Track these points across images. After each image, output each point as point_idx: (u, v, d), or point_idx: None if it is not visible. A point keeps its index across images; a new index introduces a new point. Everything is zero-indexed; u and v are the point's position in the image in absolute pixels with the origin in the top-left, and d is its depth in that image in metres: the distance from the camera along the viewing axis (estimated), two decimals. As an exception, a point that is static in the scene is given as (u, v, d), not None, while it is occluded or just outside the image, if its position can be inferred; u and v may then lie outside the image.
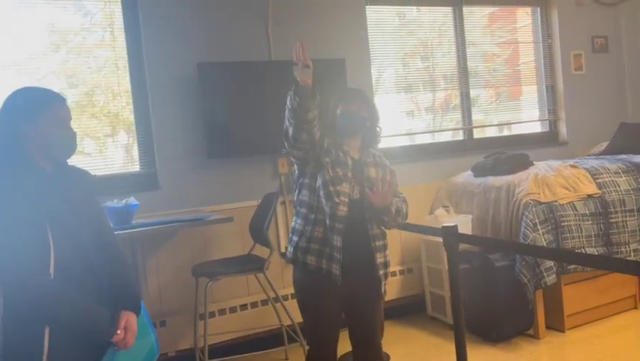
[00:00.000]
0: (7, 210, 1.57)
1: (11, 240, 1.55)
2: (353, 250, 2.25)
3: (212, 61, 3.48)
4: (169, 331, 3.38)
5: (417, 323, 3.91)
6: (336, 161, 2.27)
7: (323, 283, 2.23)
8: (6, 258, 1.56)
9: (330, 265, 2.21)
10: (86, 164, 3.37)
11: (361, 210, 2.27)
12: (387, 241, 2.38)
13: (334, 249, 2.21)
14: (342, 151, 2.30)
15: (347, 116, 2.33)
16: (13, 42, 3.21)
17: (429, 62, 4.52)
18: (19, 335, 1.60)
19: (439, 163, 4.31)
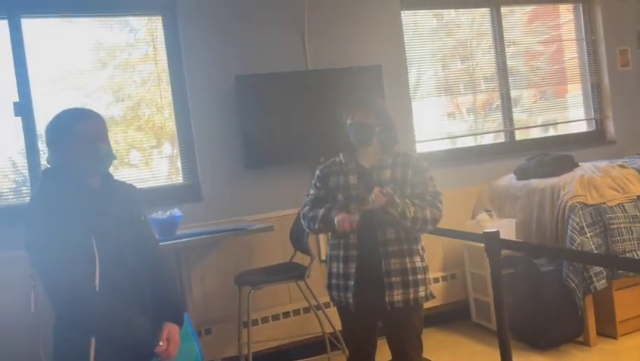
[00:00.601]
0: (56, 227, 1.64)
1: (60, 255, 1.62)
2: (365, 263, 2.26)
3: (250, 73, 3.55)
4: (214, 339, 3.45)
5: (461, 329, 3.84)
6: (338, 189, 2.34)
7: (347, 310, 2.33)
8: (55, 272, 1.63)
9: (346, 295, 2.29)
10: (133, 175, 3.52)
11: (372, 216, 2.25)
12: (413, 247, 2.28)
13: (348, 277, 2.28)
14: (344, 173, 2.35)
15: (355, 126, 2.33)
16: (63, 59, 3.37)
17: (469, 63, 4.46)
18: (68, 345, 1.68)
19: (480, 166, 4.24)
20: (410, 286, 2.25)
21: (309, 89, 3.63)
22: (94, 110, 1.85)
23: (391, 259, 2.23)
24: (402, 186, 2.29)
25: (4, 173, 3.33)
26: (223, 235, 3.08)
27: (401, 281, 2.23)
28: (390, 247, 2.24)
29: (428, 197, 2.29)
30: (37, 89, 3.27)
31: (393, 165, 2.32)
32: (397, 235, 2.26)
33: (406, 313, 2.28)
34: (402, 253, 2.25)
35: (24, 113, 3.22)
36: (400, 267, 2.24)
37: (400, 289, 2.23)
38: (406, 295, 2.24)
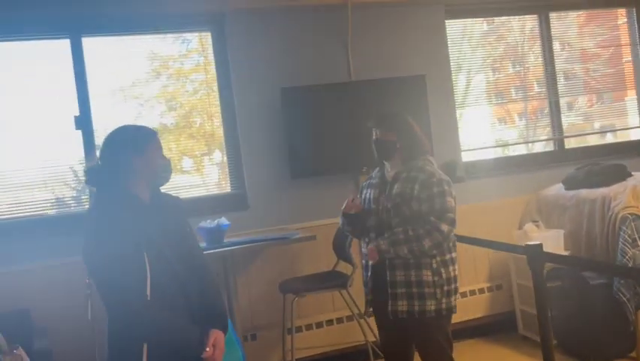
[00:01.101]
0: (111, 238, 1.75)
1: (115, 265, 1.73)
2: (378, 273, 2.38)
3: (295, 85, 3.63)
4: (259, 345, 3.54)
5: (507, 342, 3.78)
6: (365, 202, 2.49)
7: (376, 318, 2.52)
8: (110, 281, 1.74)
9: (366, 303, 2.47)
10: (185, 181, 3.68)
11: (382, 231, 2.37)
12: (422, 261, 2.28)
13: (367, 286, 2.45)
14: (371, 187, 2.49)
15: (375, 143, 2.45)
16: (120, 70, 3.56)
17: (518, 69, 4.39)
18: (122, 351, 1.79)
19: (528, 176, 4.17)
20: (415, 298, 2.28)
21: (353, 100, 3.68)
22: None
23: (397, 271, 2.31)
24: (409, 201, 2.31)
25: (66, 181, 3.54)
26: (267, 244, 3.17)
27: (406, 293, 2.29)
28: (397, 259, 2.30)
29: (432, 218, 2.26)
30: (95, 101, 3.46)
31: (405, 179, 2.36)
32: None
33: (425, 327, 2.33)
34: (407, 266, 2.30)
35: (84, 127, 3.42)
36: (405, 279, 2.30)
37: (405, 300, 2.29)
38: (410, 307, 2.29)
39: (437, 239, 2.24)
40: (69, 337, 3.07)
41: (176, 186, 3.56)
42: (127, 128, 1.95)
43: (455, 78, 4.16)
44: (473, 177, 4.06)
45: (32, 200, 3.41)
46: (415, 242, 2.23)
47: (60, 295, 3.11)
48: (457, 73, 4.17)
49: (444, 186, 2.31)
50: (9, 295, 3.05)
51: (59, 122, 3.40)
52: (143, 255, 1.77)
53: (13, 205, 3.39)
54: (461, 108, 4.20)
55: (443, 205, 2.27)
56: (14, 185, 3.38)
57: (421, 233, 2.23)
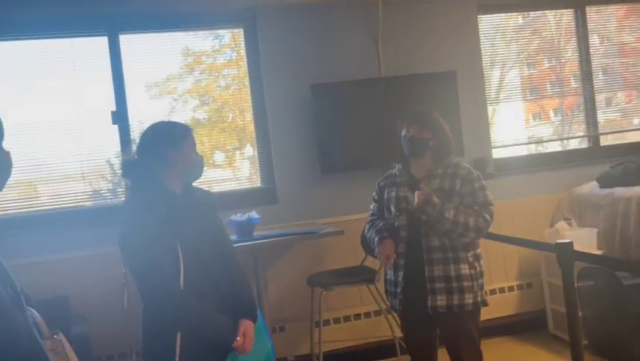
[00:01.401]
0: (147, 230, 1.81)
1: (150, 256, 1.79)
2: (411, 271, 2.37)
3: (325, 82, 3.66)
4: (288, 336, 3.60)
5: (536, 340, 3.74)
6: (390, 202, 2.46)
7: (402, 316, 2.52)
8: (145, 272, 1.81)
9: (395, 301, 2.44)
10: (217, 175, 3.76)
11: (419, 225, 2.35)
12: (460, 255, 2.33)
13: (397, 285, 2.41)
14: (396, 185, 2.46)
15: (409, 140, 2.42)
16: (154, 66, 3.65)
17: (554, 64, 4.32)
18: (156, 339, 1.85)
19: (561, 173, 4.10)
20: (454, 292, 2.31)
21: (383, 96, 3.69)
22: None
23: (435, 266, 2.32)
24: (449, 195, 2.35)
25: (103, 175, 3.66)
26: (296, 238, 3.22)
27: (445, 287, 2.31)
28: (435, 255, 2.33)
29: (476, 207, 2.33)
30: (131, 96, 3.56)
31: (442, 175, 2.40)
32: (442, 243, 2.33)
33: (459, 319, 2.34)
34: (446, 261, 2.33)
35: (120, 121, 3.53)
36: (444, 274, 2.32)
37: (444, 295, 2.31)
38: (449, 301, 2.31)
39: (481, 224, 2.30)
40: (105, 323, 3.19)
41: (209, 180, 3.63)
42: (164, 124, 2.03)
43: (488, 73, 4.12)
44: (504, 175, 4.02)
45: (71, 192, 3.54)
46: (463, 214, 2.28)
47: (97, 283, 3.23)
48: (490, 68, 4.13)
49: (482, 181, 2.40)
50: (49, 282, 3.18)
51: (97, 118, 3.52)
52: (177, 246, 1.83)
53: (53, 197, 3.53)
54: (494, 104, 4.15)
55: (485, 199, 2.35)
56: (55, 177, 3.52)
57: (469, 211, 2.30)
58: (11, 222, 3.36)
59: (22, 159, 3.40)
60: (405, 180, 2.45)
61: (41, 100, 3.45)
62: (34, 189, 3.56)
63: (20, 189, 3.50)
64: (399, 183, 2.47)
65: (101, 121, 3.50)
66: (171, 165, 1.92)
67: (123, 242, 1.86)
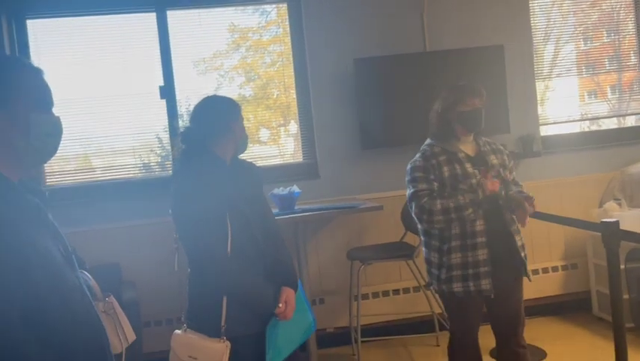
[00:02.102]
0: (198, 199, 1.89)
1: (201, 223, 1.87)
2: (495, 246, 2.29)
3: (368, 56, 3.64)
4: (327, 308, 3.68)
5: (580, 321, 3.67)
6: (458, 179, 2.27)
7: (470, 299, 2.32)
8: (196, 238, 1.89)
9: (479, 283, 2.26)
10: (262, 152, 3.83)
11: (495, 199, 2.30)
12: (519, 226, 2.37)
13: (480, 264, 2.25)
14: (458, 162, 2.29)
15: (475, 113, 2.31)
16: (202, 43, 3.73)
17: (613, 37, 4.12)
18: (202, 303, 1.94)
19: (613, 152, 3.95)
20: (527, 259, 2.37)
21: (427, 71, 3.64)
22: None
23: (517, 236, 2.34)
24: (504, 171, 2.38)
25: (152, 148, 3.80)
26: (336, 212, 3.25)
27: (524, 256, 2.36)
28: (514, 226, 2.34)
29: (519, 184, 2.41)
30: (178, 72, 3.65)
31: (492, 151, 2.40)
32: (512, 216, 2.36)
33: (519, 286, 2.39)
34: (518, 232, 2.37)
35: (168, 96, 3.64)
36: (522, 243, 2.37)
37: (526, 261, 2.36)
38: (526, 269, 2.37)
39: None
40: (154, 290, 3.35)
41: (253, 156, 3.72)
42: (222, 97, 2.12)
43: (542, 48, 3.98)
44: (552, 152, 3.91)
45: (123, 165, 3.70)
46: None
47: (146, 251, 3.39)
48: (544, 42, 3.98)
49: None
50: (102, 249, 3.35)
51: (146, 93, 3.63)
52: (226, 214, 1.90)
53: (106, 169, 3.70)
54: (547, 80, 4.02)
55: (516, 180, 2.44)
56: (108, 151, 3.69)
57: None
58: (68, 192, 3.54)
59: (77, 133, 3.58)
60: (464, 156, 2.32)
61: (94, 75, 3.59)
62: (89, 162, 3.74)
63: (77, 162, 3.68)
64: (459, 159, 2.30)
65: (149, 96, 3.62)
66: (232, 135, 2.01)
67: (176, 207, 1.94)
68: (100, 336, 1.10)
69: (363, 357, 3.26)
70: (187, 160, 2.01)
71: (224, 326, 1.87)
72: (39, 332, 0.97)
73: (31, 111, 1.12)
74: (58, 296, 1.04)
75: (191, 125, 2.03)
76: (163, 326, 3.45)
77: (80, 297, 1.09)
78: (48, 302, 1.00)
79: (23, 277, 0.97)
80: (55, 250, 1.07)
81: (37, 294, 0.99)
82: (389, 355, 3.48)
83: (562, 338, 3.48)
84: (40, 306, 0.99)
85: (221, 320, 1.87)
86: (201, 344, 1.88)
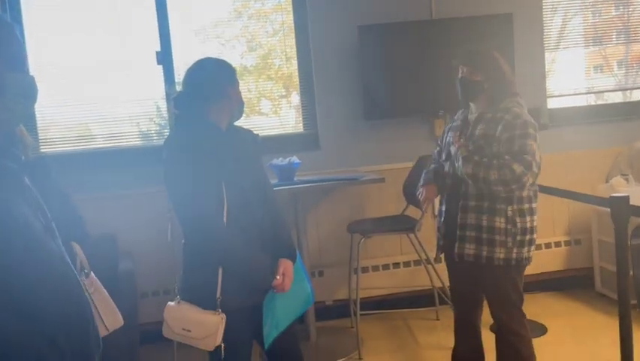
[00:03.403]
0: (191, 166, 1.81)
1: (194, 192, 1.79)
2: (448, 218, 2.32)
3: (373, 23, 3.51)
4: (326, 281, 3.64)
5: (582, 298, 3.64)
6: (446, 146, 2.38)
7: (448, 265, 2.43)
8: (190, 206, 1.81)
9: (437, 250, 2.42)
10: (263, 123, 3.74)
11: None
12: (497, 206, 2.17)
13: (439, 231, 2.39)
14: (452, 128, 2.38)
15: (460, 82, 2.28)
16: (202, 10, 3.60)
17: (622, 10, 3.98)
18: (198, 273, 1.88)
19: (621, 126, 3.86)
20: (484, 243, 2.20)
21: (433, 40, 3.52)
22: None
23: (468, 213, 2.22)
24: (491, 143, 2.18)
25: (150, 117, 3.71)
26: (336, 184, 3.19)
27: (475, 237, 2.21)
28: (470, 202, 2.22)
29: (507, 156, 2.12)
30: (177, 39, 3.54)
31: (489, 120, 2.22)
32: (479, 191, 2.20)
33: (493, 275, 2.25)
34: (480, 209, 2.20)
35: (165, 62, 3.53)
36: (476, 223, 2.21)
37: (473, 244, 2.22)
38: (477, 251, 2.21)
39: (505, 176, 2.09)
40: (150, 260, 3.31)
41: (254, 128, 3.61)
42: (218, 61, 1.98)
43: (550, 19, 3.85)
44: (559, 125, 3.82)
45: (121, 132, 3.62)
46: (483, 168, 2.13)
47: (143, 222, 3.33)
48: (552, 13, 3.85)
49: (528, 129, 2.15)
50: (98, 219, 3.28)
51: (145, 60, 3.52)
52: (221, 183, 1.83)
53: (105, 137, 3.62)
54: (554, 51, 3.90)
55: (522, 147, 2.11)
56: (106, 118, 3.60)
57: (493, 163, 2.12)
58: (65, 160, 3.46)
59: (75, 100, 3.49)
60: (459, 125, 2.33)
61: (92, 42, 3.48)
62: (89, 130, 3.65)
63: (76, 130, 3.60)
64: (454, 127, 2.35)
65: (148, 63, 3.51)
66: (227, 100, 1.92)
67: (168, 175, 1.86)
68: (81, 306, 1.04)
69: (362, 330, 3.23)
70: (180, 126, 1.92)
71: (220, 298, 1.81)
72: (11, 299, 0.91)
73: (7, 70, 1.02)
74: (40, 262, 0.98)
75: (183, 90, 1.94)
76: (160, 297, 3.41)
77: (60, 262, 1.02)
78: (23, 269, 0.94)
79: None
80: (33, 219, 1.00)
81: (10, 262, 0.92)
82: (388, 328, 3.45)
83: (563, 314, 3.45)
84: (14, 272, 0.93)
85: (216, 291, 1.82)
86: (195, 317, 1.83)
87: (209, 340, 1.82)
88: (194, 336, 1.84)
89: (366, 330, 3.36)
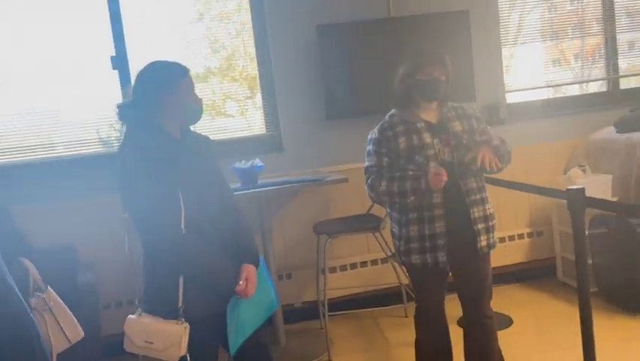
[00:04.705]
0: (145, 174, 1.77)
1: (150, 200, 1.75)
2: (452, 217, 2.23)
3: (331, 22, 3.51)
4: (295, 283, 3.62)
5: (545, 288, 3.72)
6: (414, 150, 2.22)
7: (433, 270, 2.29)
8: (146, 215, 1.77)
9: (435, 255, 2.24)
10: (230, 124, 3.69)
11: (453, 169, 2.22)
12: (485, 195, 2.31)
13: (437, 237, 2.22)
14: (415, 132, 2.24)
15: (430, 83, 2.24)
16: (164, 12, 3.53)
17: (577, 5, 4.08)
18: (158, 283, 1.83)
19: (577, 118, 3.95)
20: (490, 231, 2.30)
21: (392, 38, 3.53)
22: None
23: (475, 207, 2.26)
24: (472, 135, 2.29)
25: (110, 123, 3.61)
26: (300, 186, 3.16)
27: (484, 228, 2.27)
28: (473, 196, 2.26)
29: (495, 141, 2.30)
30: (138, 42, 3.45)
31: (456, 117, 2.30)
32: (477, 184, 2.28)
33: (485, 258, 2.32)
34: (482, 201, 2.29)
35: (121, 67, 3.44)
36: (483, 214, 2.28)
37: (484, 235, 2.27)
38: (488, 240, 2.29)
39: (509, 156, 2.33)
40: (112, 271, 3.22)
41: (220, 130, 3.63)
42: (158, 65, 1.92)
43: (507, 15, 3.92)
44: (518, 120, 3.89)
45: (81, 140, 3.51)
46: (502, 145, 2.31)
47: (104, 231, 3.24)
48: (509, 9, 3.92)
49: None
50: (58, 230, 3.19)
51: (100, 64, 3.43)
52: (177, 190, 1.79)
53: (66, 144, 3.50)
54: (513, 47, 3.98)
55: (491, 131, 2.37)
56: (65, 125, 3.49)
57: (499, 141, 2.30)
58: (23, 169, 3.36)
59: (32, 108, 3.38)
60: (423, 126, 2.26)
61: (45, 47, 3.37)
62: (49, 138, 3.54)
63: (39, 139, 3.48)
64: (417, 129, 2.25)
65: (104, 68, 3.42)
66: (167, 108, 1.86)
67: (123, 185, 1.82)
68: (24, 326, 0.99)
69: (331, 331, 3.23)
70: (130, 136, 1.87)
71: (182, 308, 1.78)
72: None
73: None
74: None
75: (132, 97, 1.89)
76: (124, 308, 3.33)
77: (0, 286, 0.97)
78: None
79: None
80: None
81: None
82: (357, 328, 3.45)
83: (527, 305, 3.51)
84: None
85: (178, 300, 1.78)
86: (157, 328, 1.79)
87: (172, 351, 1.79)
88: (157, 348, 1.80)
89: (335, 331, 3.35)
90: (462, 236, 2.25)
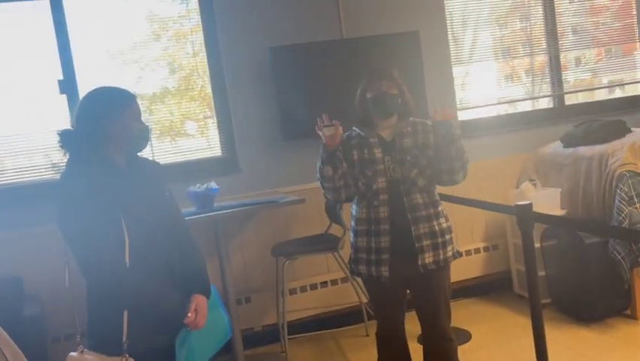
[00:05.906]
0: (86, 205, 1.69)
1: (91, 232, 1.68)
2: (397, 233, 2.26)
3: (284, 44, 3.52)
4: (254, 307, 3.56)
5: (502, 300, 3.78)
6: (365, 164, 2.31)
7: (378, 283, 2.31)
8: (87, 248, 1.70)
9: (379, 269, 2.27)
10: (190, 145, 3.64)
11: (398, 186, 2.27)
12: (438, 209, 2.31)
13: (382, 251, 2.26)
14: (367, 146, 2.31)
15: (380, 98, 2.30)
16: (118, 33, 3.45)
17: (525, 24, 4.24)
18: (102, 318, 1.76)
19: (526, 134, 4.08)
20: (439, 248, 2.29)
21: (345, 59, 3.57)
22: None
23: (420, 224, 2.27)
24: (425, 150, 2.31)
25: (56, 148, 3.49)
26: (257, 207, 3.14)
27: (431, 244, 2.27)
28: (418, 213, 2.27)
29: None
30: (89, 66, 3.37)
31: (413, 132, 2.33)
32: (424, 200, 2.29)
33: (436, 275, 2.31)
34: (429, 217, 2.29)
35: (69, 91, 3.36)
36: (430, 230, 2.28)
37: (431, 252, 2.27)
38: (436, 257, 2.28)
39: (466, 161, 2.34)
40: (60, 303, 3.05)
41: (179, 151, 3.58)
42: (103, 91, 1.86)
43: (460, 34, 4.03)
44: (470, 136, 3.96)
45: (33, 165, 3.39)
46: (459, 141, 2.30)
47: (52, 261, 3.08)
48: (462, 29, 4.03)
49: None
50: (2, 260, 3.05)
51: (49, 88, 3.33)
52: (120, 220, 1.73)
53: (15, 170, 3.37)
54: (467, 65, 4.08)
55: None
56: (10, 151, 3.36)
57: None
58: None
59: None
60: (376, 141, 2.32)
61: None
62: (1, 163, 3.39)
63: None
64: (370, 144, 2.32)
65: (53, 91, 3.32)
66: (110, 135, 1.80)
67: (62, 217, 1.73)
68: None
69: (292, 353, 3.19)
70: (71, 166, 1.81)
71: (127, 342, 1.71)
72: None
73: None
74: None
75: (75, 125, 1.83)
76: (75, 341, 3.18)
77: None
78: None
79: None
80: None
81: None
82: (319, 349, 3.42)
83: (485, 318, 3.56)
84: None
85: (122, 335, 1.71)
86: (100, 365, 1.71)
87: (118, 389, 1.71)
88: (101, 386, 1.72)
89: (297, 353, 3.31)
90: (405, 252, 2.27)
